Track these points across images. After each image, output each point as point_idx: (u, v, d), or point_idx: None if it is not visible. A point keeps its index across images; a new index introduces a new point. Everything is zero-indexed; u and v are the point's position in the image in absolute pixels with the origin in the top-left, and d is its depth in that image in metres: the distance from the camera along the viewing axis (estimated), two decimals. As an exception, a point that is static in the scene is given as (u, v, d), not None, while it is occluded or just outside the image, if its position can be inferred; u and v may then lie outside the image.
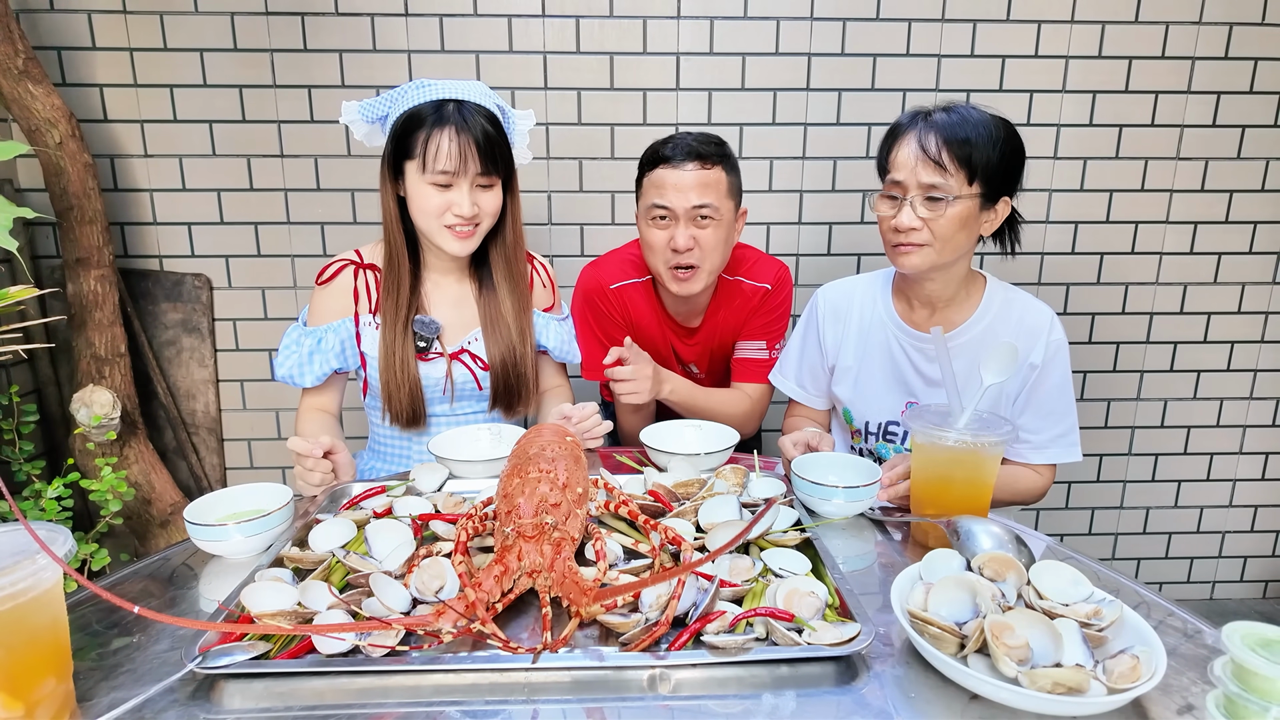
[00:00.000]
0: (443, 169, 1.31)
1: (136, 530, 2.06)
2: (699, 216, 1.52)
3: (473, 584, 0.80)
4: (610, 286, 1.68)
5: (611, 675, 0.76)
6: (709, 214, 1.51)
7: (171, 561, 1.03)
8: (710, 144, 1.54)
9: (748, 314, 1.69)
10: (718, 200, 1.52)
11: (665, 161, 1.53)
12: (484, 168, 1.33)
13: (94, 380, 1.95)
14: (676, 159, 1.52)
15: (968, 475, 0.99)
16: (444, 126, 1.30)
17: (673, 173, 1.52)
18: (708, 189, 1.51)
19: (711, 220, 1.52)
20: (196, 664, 0.73)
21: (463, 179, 1.32)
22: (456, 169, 1.31)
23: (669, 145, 1.54)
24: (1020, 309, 1.35)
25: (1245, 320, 2.36)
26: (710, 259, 1.55)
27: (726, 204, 1.54)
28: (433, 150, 1.30)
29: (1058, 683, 0.67)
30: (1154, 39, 2.14)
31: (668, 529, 0.93)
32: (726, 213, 1.54)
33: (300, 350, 1.43)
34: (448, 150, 1.30)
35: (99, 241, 1.93)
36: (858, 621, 0.80)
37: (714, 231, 1.53)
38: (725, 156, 1.55)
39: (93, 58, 2.04)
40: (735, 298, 1.69)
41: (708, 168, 1.51)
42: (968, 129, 1.21)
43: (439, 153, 1.30)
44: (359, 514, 1.07)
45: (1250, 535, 2.54)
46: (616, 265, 1.72)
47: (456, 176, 1.32)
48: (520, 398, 1.51)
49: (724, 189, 1.54)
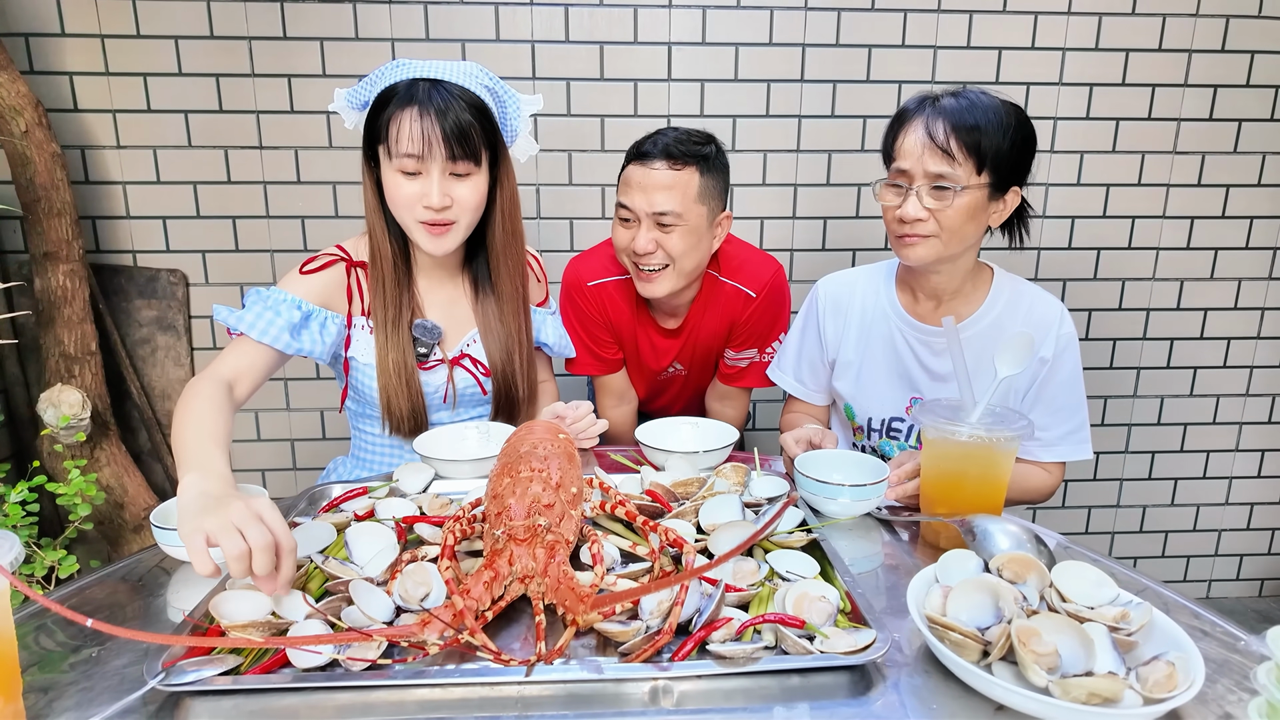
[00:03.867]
0: (406, 152, 1.19)
1: (109, 536, 1.98)
2: (659, 221, 1.45)
3: (460, 591, 0.75)
4: (588, 284, 1.62)
5: (610, 688, 0.71)
6: (669, 220, 1.44)
7: (139, 568, 0.97)
8: (689, 143, 1.45)
9: (731, 321, 1.61)
10: (681, 205, 1.43)
11: (639, 158, 1.46)
12: (453, 153, 1.20)
13: (63, 379, 1.87)
14: (650, 156, 1.44)
15: (981, 472, 0.95)
16: (410, 106, 1.19)
17: (639, 171, 1.45)
18: (672, 192, 1.43)
19: (675, 226, 1.44)
20: (159, 680, 0.67)
21: (430, 164, 1.20)
22: (420, 153, 1.19)
23: (649, 141, 1.47)
24: (1029, 301, 1.30)
25: (1242, 316, 2.34)
26: (680, 263, 1.48)
27: (695, 209, 1.45)
28: (394, 131, 1.20)
29: (1093, 693, 0.62)
30: (1151, 31, 2.12)
31: (668, 530, 0.88)
32: (694, 218, 1.45)
33: (280, 316, 1.23)
34: (409, 131, 1.18)
35: (68, 235, 1.85)
36: (872, 628, 0.75)
37: (679, 237, 1.45)
38: (702, 158, 1.45)
39: (62, 44, 1.96)
40: (720, 300, 1.61)
41: (676, 169, 1.43)
42: (977, 115, 1.16)
43: (400, 134, 1.19)
44: (339, 516, 1.01)
45: (1247, 533, 2.52)
46: (597, 261, 1.65)
47: (423, 162, 1.20)
48: (522, 401, 1.43)
49: (693, 193, 1.44)
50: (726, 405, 1.72)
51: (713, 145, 1.49)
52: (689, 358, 1.69)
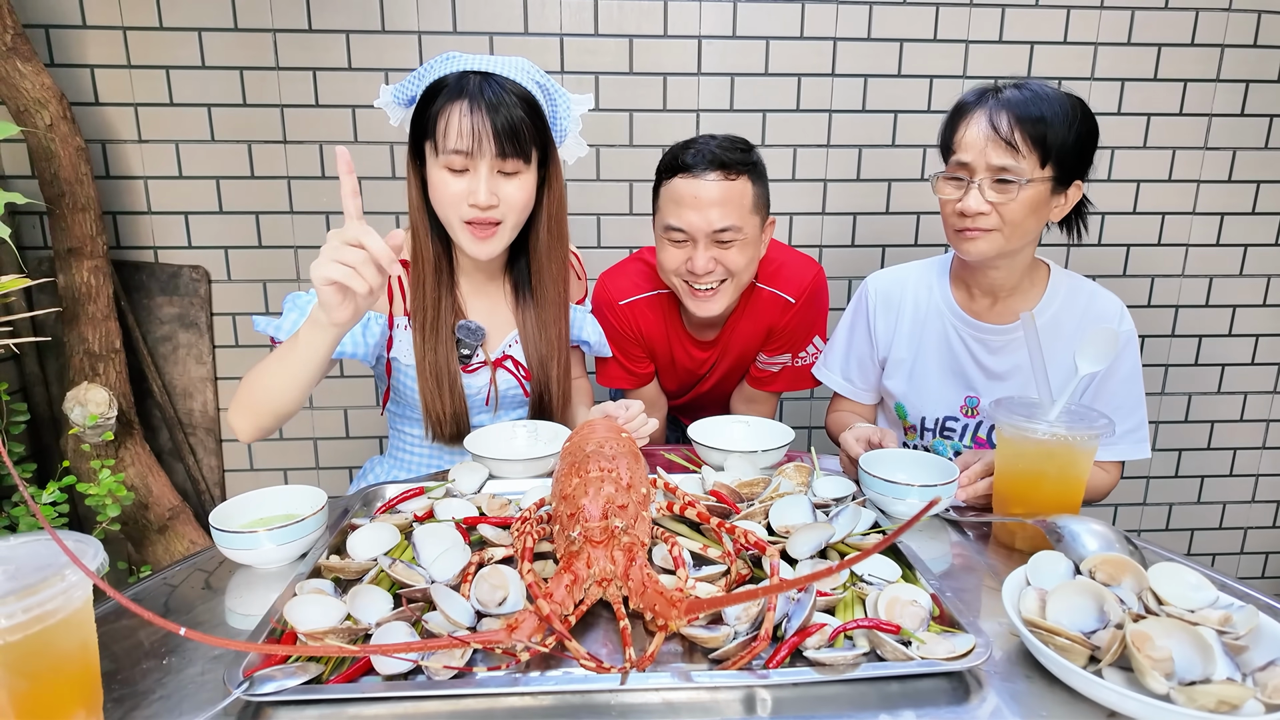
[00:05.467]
0: (454, 148, 1.15)
1: (133, 536, 1.95)
2: (718, 240, 1.38)
3: (544, 594, 0.72)
4: (619, 303, 1.58)
5: (705, 695, 0.69)
6: (732, 236, 1.37)
7: (192, 572, 0.94)
8: (736, 150, 1.38)
9: (769, 327, 1.56)
10: (741, 219, 1.37)
11: (684, 170, 1.37)
12: (503, 150, 1.15)
13: (88, 378, 1.84)
14: (697, 168, 1.36)
15: (1060, 472, 0.92)
16: (460, 100, 1.14)
17: (691, 184, 1.36)
18: (730, 207, 1.36)
19: (734, 241, 1.38)
20: (243, 690, 0.64)
21: (479, 161, 1.16)
22: (470, 149, 1.15)
23: (690, 151, 1.38)
24: (1087, 298, 1.28)
25: (1271, 313, 2.32)
26: (739, 277, 1.43)
27: (752, 220, 1.39)
28: (442, 126, 1.15)
29: (1223, 700, 0.60)
30: (1184, 26, 2.10)
31: (747, 533, 0.86)
32: (751, 230, 1.40)
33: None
34: (458, 126, 1.14)
35: (92, 230, 1.82)
36: (968, 632, 0.73)
37: (739, 251, 1.39)
38: (752, 165, 1.40)
39: (83, 36, 1.93)
40: (757, 306, 1.56)
41: (731, 179, 1.36)
42: (1042, 106, 1.14)
43: (449, 129, 1.15)
44: (398, 518, 0.98)
45: (1273, 531, 2.51)
46: (627, 280, 1.60)
47: (471, 159, 1.16)
48: (558, 406, 1.39)
49: (749, 203, 1.38)
50: (753, 409, 1.68)
51: (754, 151, 1.44)
52: (723, 366, 1.66)
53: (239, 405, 1.16)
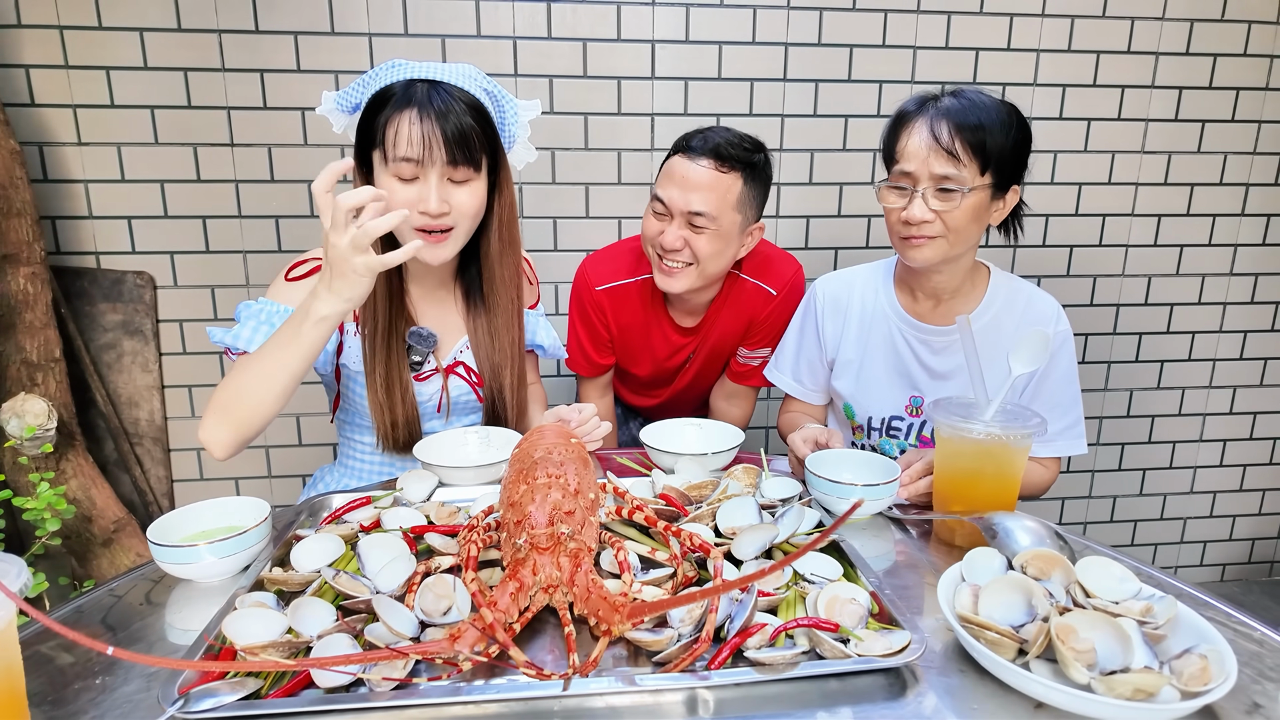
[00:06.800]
0: (404, 156, 1.13)
1: (75, 551, 1.89)
2: (691, 221, 1.43)
3: (488, 603, 0.73)
4: (596, 289, 1.60)
5: (648, 699, 0.69)
6: (704, 223, 1.42)
7: (131, 588, 0.92)
8: (739, 147, 1.43)
9: (750, 319, 1.61)
10: (718, 210, 1.41)
11: (686, 150, 1.44)
12: (453, 157, 1.15)
13: (25, 388, 1.78)
14: (696, 151, 1.42)
15: (997, 470, 0.95)
16: (408, 108, 1.14)
17: (685, 164, 1.42)
18: (712, 195, 1.40)
19: (706, 228, 1.43)
20: (178, 708, 0.63)
21: (429, 170, 1.15)
22: (420, 157, 1.13)
23: (699, 136, 1.44)
24: (1025, 299, 1.32)
25: (1207, 311, 2.42)
26: (704, 265, 1.46)
27: (731, 216, 1.43)
28: (391, 134, 1.14)
29: (1139, 689, 0.62)
30: (1120, 34, 2.17)
31: (692, 535, 0.87)
32: (728, 224, 1.44)
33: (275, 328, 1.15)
34: (408, 135, 1.13)
35: (29, 236, 1.76)
36: (904, 629, 0.75)
37: (708, 240, 1.43)
38: (750, 164, 1.44)
39: (18, 35, 1.86)
40: (739, 297, 1.61)
41: (723, 170, 1.41)
42: (980, 114, 1.17)
43: (398, 137, 1.14)
44: (344, 528, 0.97)
45: (1210, 520, 2.61)
46: (608, 265, 1.62)
47: (421, 166, 1.14)
48: (510, 414, 1.38)
49: (733, 199, 1.43)
50: (733, 404, 1.71)
51: (762, 154, 1.47)
52: (701, 355, 1.68)
53: (219, 419, 1.11)
